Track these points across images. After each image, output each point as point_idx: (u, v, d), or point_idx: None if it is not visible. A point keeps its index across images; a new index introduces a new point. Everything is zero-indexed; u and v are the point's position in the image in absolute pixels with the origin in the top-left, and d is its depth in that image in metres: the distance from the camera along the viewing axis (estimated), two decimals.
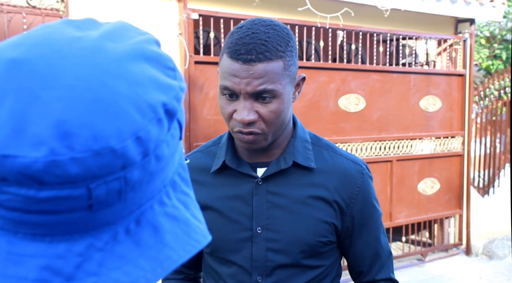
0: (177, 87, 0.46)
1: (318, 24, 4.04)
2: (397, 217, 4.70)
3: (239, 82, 1.05)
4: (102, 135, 0.39)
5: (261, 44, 1.04)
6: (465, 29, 5.14)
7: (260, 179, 1.17)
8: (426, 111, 4.85)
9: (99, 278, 0.42)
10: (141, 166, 0.42)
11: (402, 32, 4.66)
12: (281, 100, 1.08)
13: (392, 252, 1.29)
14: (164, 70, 0.46)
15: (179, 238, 0.46)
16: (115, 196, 0.42)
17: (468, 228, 5.27)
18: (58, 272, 0.41)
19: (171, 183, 0.48)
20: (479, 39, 8.96)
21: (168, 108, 0.44)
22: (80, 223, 0.42)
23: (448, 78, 5.02)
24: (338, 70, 4.27)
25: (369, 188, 1.21)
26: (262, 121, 1.08)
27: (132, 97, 0.41)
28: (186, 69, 3.49)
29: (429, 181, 4.94)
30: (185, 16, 3.48)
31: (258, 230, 1.16)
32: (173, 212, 0.47)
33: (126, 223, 0.44)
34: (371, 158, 4.45)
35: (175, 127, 0.46)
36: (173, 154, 0.46)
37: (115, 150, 0.40)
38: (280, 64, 1.06)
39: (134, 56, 0.44)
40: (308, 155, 1.18)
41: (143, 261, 0.44)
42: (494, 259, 5.18)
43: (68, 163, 0.38)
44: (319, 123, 4.12)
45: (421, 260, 5.04)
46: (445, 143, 5.05)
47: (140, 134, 0.41)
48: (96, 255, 0.42)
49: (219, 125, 3.64)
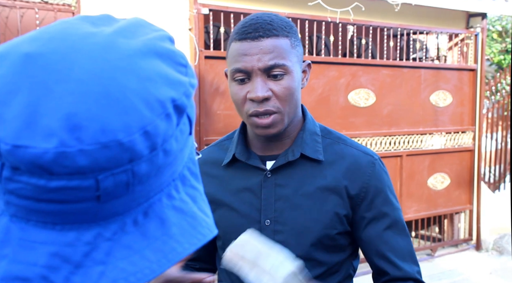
0: (187, 83, 0.47)
1: (328, 18, 4.04)
2: (407, 212, 4.70)
3: (250, 60, 1.08)
4: (110, 128, 0.40)
5: (266, 23, 1.10)
6: (477, 23, 5.10)
7: (269, 171, 1.17)
8: (436, 106, 4.83)
9: (106, 267, 0.43)
10: (148, 159, 0.43)
11: (412, 27, 4.64)
12: (292, 78, 1.11)
13: (414, 251, 1.22)
14: (176, 66, 0.47)
15: (185, 231, 0.47)
16: (123, 188, 0.43)
17: (479, 223, 5.25)
18: (67, 259, 0.43)
19: (180, 177, 0.49)
20: (491, 34, 8.89)
21: (177, 103, 0.44)
22: (89, 213, 0.43)
23: (459, 73, 4.99)
24: (348, 65, 4.26)
25: (381, 180, 1.19)
26: (277, 98, 1.09)
27: (141, 92, 0.43)
28: (196, 64, 3.51)
29: (439, 176, 4.92)
30: (195, 11, 3.50)
31: (266, 222, 1.17)
32: (181, 205, 0.48)
33: (134, 215, 0.45)
34: (380, 153, 4.45)
35: (184, 123, 0.47)
36: (182, 149, 0.47)
37: (122, 143, 0.41)
38: (287, 42, 1.11)
39: (145, 52, 0.45)
40: (317, 148, 1.18)
41: (149, 252, 0.45)
42: (504, 255, 5.16)
43: (76, 155, 0.40)
44: (329, 118, 4.12)
45: (430, 255, 5.04)
46: (455, 138, 5.03)
47: (148, 129, 0.42)
48: (104, 244, 0.44)
49: (230, 119, 3.65)
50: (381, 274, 1.20)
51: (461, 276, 4.61)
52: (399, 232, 1.20)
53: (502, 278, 4.60)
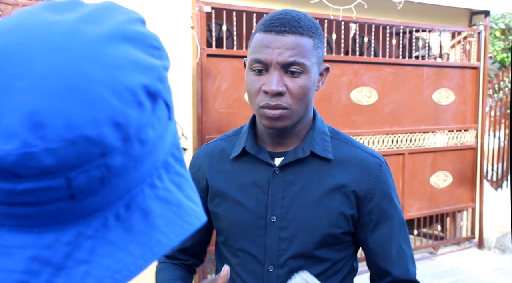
0: (160, 67, 0.44)
1: (331, 16, 4.03)
2: (409, 210, 4.70)
3: (271, 53, 1.09)
4: (75, 123, 0.38)
5: (294, 20, 1.11)
6: (480, 21, 5.09)
7: (277, 168, 1.17)
8: (439, 104, 4.82)
9: (90, 266, 0.41)
10: (123, 151, 0.41)
11: (415, 25, 4.63)
12: (309, 78, 1.11)
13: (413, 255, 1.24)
14: (147, 50, 0.44)
15: (170, 222, 0.45)
16: (98, 184, 0.41)
17: (481, 221, 5.25)
18: (47, 262, 0.41)
19: (163, 165, 0.47)
20: (494, 32, 8.86)
21: (150, 90, 0.42)
22: (66, 212, 0.41)
23: (461, 71, 4.98)
24: (350, 63, 4.25)
25: (387, 182, 1.20)
26: (290, 95, 1.10)
27: (108, 81, 0.40)
28: (199, 62, 3.51)
29: (442, 175, 4.92)
30: (198, 9, 3.49)
31: (272, 219, 1.16)
32: (165, 195, 0.46)
33: (116, 209, 0.43)
34: (383, 151, 4.44)
35: (161, 108, 0.44)
36: (162, 136, 0.45)
37: (90, 137, 0.38)
38: (311, 42, 1.12)
39: (112, 37, 0.43)
40: (326, 147, 1.18)
41: (134, 247, 0.43)
42: (507, 253, 5.15)
43: (41, 155, 0.37)
44: (331, 116, 4.12)
45: (432, 253, 5.03)
46: (458, 136, 5.02)
47: (118, 120, 0.40)
48: (86, 243, 0.42)
49: (231, 118, 3.65)
50: (383, 276, 1.21)
51: (463, 275, 4.61)
52: (403, 234, 1.23)
53: (504, 276, 4.59)
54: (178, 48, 3.46)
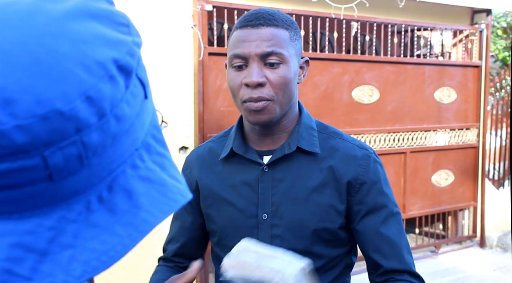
0: (130, 42, 0.43)
1: (332, 15, 4.03)
2: (411, 209, 4.69)
3: (248, 46, 1.10)
4: (46, 98, 0.37)
5: (268, 13, 1.14)
6: (482, 19, 5.08)
7: (266, 166, 1.18)
8: (440, 102, 4.81)
9: (75, 250, 0.41)
10: (98, 127, 0.39)
11: (417, 23, 4.62)
12: (288, 68, 1.12)
13: (408, 242, 1.22)
14: (115, 26, 0.43)
15: (154, 200, 0.45)
16: (76, 163, 0.39)
17: (483, 220, 5.25)
18: (31, 248, 0.40)
19: (144, 146, 0.46)
20: (496, 30, 8.85)
21: (121, 64, 0.41)
22: (46, 195, 0.40)
23: (463, 70, 4.97)
24: (352, 62, 4.25)
25: (376, 172, 1.19)
26: (271, 86, 1.11)
27: (75, 56, 0.39)
28: (200, 61, 3.51)
29: (443, 173, 4.91)
30: (199, 8, 3.49)
31: (264, 217, 1.17)
32: (147, 174, 0.45)
33: (98, 191, 0.43)
34: (384, 149, 4.44)
35: (135, 85, 0.43)
36: (139, 114, 0.44)
37: (62, 112, 0.37)
38: (286, 33, 1.13)
39: (76, 14, 0.42)
40: (313, 141, 1.19)
41: (119, 228, 0.42)
42: (508, 252, 5.15)
43: (13, 132, 0.36)
44: (333, 115, 4.12)
45: (434, 252, 5.03)
46: (459, 135, 5.02)
47: (90, 94, 0.38)
48: (70, 227, 0.41)
49: (233, 116, 3.65)
50: (376, 268, 1.20)
51: (465, 273, 4.60)
52: (395, 225, 1.19)
53: (506, 275, 4.59)
54: (179, 47, 3.46)
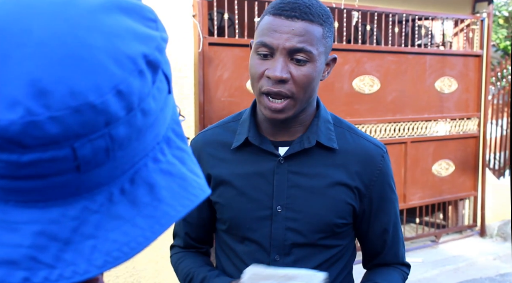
0: (158, 38, 0.44)
1: (333, 4, 4.01)
2: (411, 198, 4.70)
3: (278, 37, 1.05)
4: (79, 90, 0.37)
5: (305, 6, 1.07)
6: (483, 8, 5.05)
7: (282, 158, 1.16)
8: (441, 92, 4.81)
9: (97, 240, 0.41)
10: (126, 121, 0.40)
11: (418, 13, 4.60)
12: (314, 67, 1.08)
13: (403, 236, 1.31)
14: (144, 21, 0.44)
15: (175, 194, 0.45)
16: (103, 155, 0.40)
17: (483, 209, 5.26)
18: (54, 237, 0.41)
19: (165, 140, 0.47)
20: (497, 19, 8.81)
21: (150, 59, 0.42)
22: (71, 186, 0.41)
23: (464, 59, 4.96)
24: (352, 51, 4.24)
25: (388, 172, 1.21)
26: (293, 83, 1.07)
27: (108, 49, 0.40)
28: (200, 51, 3.50)
29: (444, 163, 4.92)
30: None
31: (278, 209, 1.16)
32: (168, 168, 0.46)
33: (120, 183, 0.43)
34: (385, 139, 4.44)
35: (161, 80, 0.44)
36: (163, 108, 0.45)
37: (95, 105, 0.38)
38: (320, 30, 1.08)
39: (108, 8, 0.42)
40: (330, 136, 1.17)
41: (140, 220, 0.43)
42: (508, 241, 5.17)
43: (46, 123, 0.37)
44: (333, 105, 4.12)
45: (435, 242, 5.05)
46: (460, 124, 5.01)
47: (120, 88, 0.39)
48: (92, 217, 0.42)
49: (234, 106, 3.65)
50: (372, 259, 1.29)
51: (465, 262, 4.62)
52: (397, 221, 1.27)
53: (506, 264, 4.61)
54: (179, 37, 3.45)
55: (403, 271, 1.28)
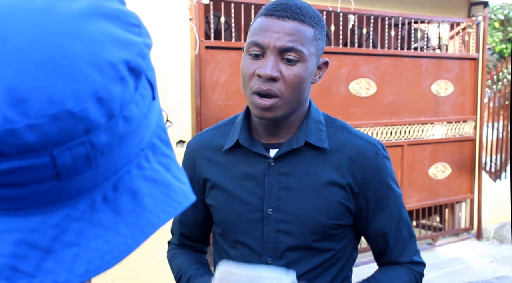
0: (141, 43, 0.43)
1: (329, 8, 4.02)
2: (408, 201, 4.71)
3: (269, 36, 1.06)
4: (58, 98, 0.37)
5: (297, 7, 1.09)
6: (479, 12, 5.07)
7: (272, 159, 1.16)
8: (437, 95, 4.82)
9: (78, 249, 0.41)
10: (107, 128, 0.40)
11: (414, 16, 4.62)
12: (305, 67, 1.08)
13: (415, 234, 1.26)
14: (126, 27, 0.43)
15: (159, 201, 0.45)
16: (84, 163, 0.40)
17: (479, 212, 5.27)
18: (35, 246, 0.40)
19: (150, 146, 0.46)
20: (493, 22, 8.85)
21: (131, 65, 0.41)
22: (52, 193, 0.40)
23: (460, 62, 4.97)
24: (349, 55, 4.25)
25: (384, 169, 1.19)
26: (283, 82, 1.07)
27: (88, 56, 0.39)
28: (197, 54, 3.50)
29: (440, 166, 4.93)
30: (196, 1, 3.48)
31: (269, 211, 1.15)
32: (152, 175, 0.45)
33: (103, 191, 0.43)
34: (382, 142, 4.44)
35: (144, 86, 0.43)
36: (147, 115, 0.44)
37: (73, 113, 0.37)
38: (311, 31, 1.09)
39: (89, 14, 0.42)
40: (321, 136, 1.16)
41: (123, 228, 0.42)
42: (505, 244, 5.18)
43: (24, 131, 0.36)
44: (330, 108, 4.12)
45: (431, 244, 5.05)
46: (456, 127, 5.03)
47: (100, 94, 0.39)
48: (74, 225, 0.41)
49: (230, 110, 3.65)
50: (381, 257, 1.26)
51: (462, 265, 4.63)
52: (400, 218, 1.23)
53: (502, 266, 4.62)
54: (176, 40, 3.45)
55: (413, 270, 1.24)
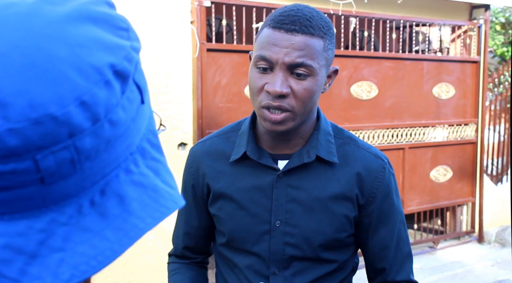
0: (128, 47, 0.43)
1: (330, 11, 4.02)
2: (409, 204, 4.70)
3: (278, 51, 1.02)
4: (39, 102, 0.37)
5: (305, 19, 1.04)
6: (480, 15, 5.07)
7: (281, 172, 1.14)
8: (439, 98, 4.82)
9: (64, 253, 0.40)
10: (92, 132, 0.39)
11: (415, 19, 4.62)
12: (315, 81, 1.06)
13: (412, 253, 1.25)
14: (114, 31, 0.43)
15: (146, 206, 0.44)
16: (68, 167, 0.39)
17: (481, 215, 5.26)
18: (20, 250, 0.39)
19: (139, 150, 0.46)
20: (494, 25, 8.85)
21: (117, 69, 0.41)
22: (37, 198, 0.40)
23: (462, 65, 4.97)
24: (350, 57, 4.25)
25: (389, 184, 1.18)
26: (294, 97, 1.04)
27: (72, 60, 0.39)
28: (198, 57, 3.50)
29: (442, 169, 4.92)
30: (197, 4, 3.48)
31: (277, 224, 1.14)
32: (140, 179, 0.45)
33: (91, 195, 0.42)
34: (383, 145, 4.44)
35: (131, 90, 0.43)
36: (135, 119, 0.44)
37: (56, 117, 0.37)
38: (321, 43, 1.05)
39: (76, 18, 0.41)
40: (331, 149, 1.15)
41: (109, 232, 0.42)
42: (506, 247, 5.16)
43: (5, 135, 0.36)
44: (331, 111, 4.12)
45: (433, 248, 5.04)
46: (458, 130, 5.02)
47: (84, 99, 0.38)
48: (60, 230, 0.41)
49: (232, 112, 3.65)
50: (377, 275, 1.23)
51: (463, 268, 4.62)
52: (402, 233, 1.23)
53: (504, 270, 4.60)
54: (177, 43, 3.45)
55: None
